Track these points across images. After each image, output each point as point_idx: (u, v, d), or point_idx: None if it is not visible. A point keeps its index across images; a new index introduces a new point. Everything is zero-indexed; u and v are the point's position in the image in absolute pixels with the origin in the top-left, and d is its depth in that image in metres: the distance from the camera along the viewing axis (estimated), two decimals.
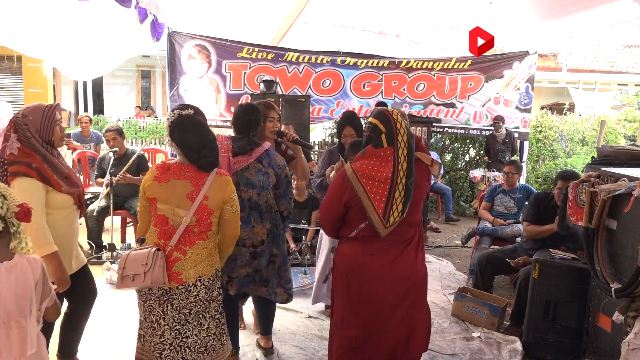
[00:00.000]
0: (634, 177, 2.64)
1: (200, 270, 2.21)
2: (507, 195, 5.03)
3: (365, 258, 2.32)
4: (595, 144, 8.74)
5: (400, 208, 2.25)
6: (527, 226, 4.03)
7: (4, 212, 1.68)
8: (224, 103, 7.04)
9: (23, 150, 2.31)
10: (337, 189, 2.35)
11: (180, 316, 2.20)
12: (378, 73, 7.39)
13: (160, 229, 2.21)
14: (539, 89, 12.62)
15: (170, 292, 2.19)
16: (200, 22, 6.62)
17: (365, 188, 2.24)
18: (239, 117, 2.84)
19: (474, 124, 7.65)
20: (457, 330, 3.65)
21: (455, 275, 4.93)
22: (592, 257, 2.84)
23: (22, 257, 1.75)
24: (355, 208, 2.29)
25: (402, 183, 2.25)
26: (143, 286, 2.12)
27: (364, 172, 2.27)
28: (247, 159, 2.73)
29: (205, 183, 2.19)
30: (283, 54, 7.07)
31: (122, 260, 2.15)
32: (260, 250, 2.76)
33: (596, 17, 5.00)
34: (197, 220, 2.18)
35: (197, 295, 2.21)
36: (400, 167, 2.25)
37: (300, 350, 3.27)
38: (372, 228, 2.27)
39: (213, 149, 2.22)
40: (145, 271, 2.08)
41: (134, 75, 15.82)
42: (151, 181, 2.21)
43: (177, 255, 2.18)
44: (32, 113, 2.37)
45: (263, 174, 2.76)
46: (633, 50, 14.41)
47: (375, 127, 2.32)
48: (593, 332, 3.04)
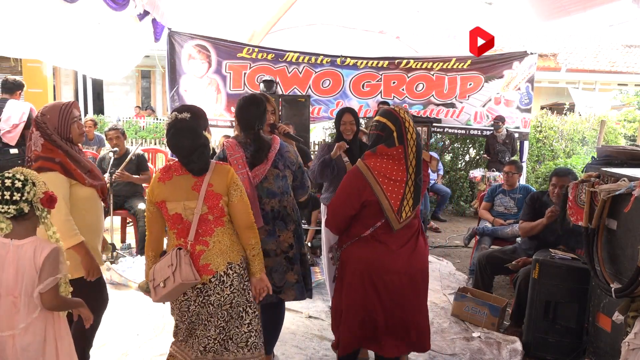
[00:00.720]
0: (634, 177, 2.64)
1: (229, 257, 2.21)
2: (507, 196, 5.03)
3: (387, 256, 2.39)
4: (595, 144, 8.74)
5: (411, 203, 2.36)
6: (521, 224, 4.05)
7: (30, 196, 1.87)
8: (224, 103, 7.04)
9: (46, 146, 2.40)
10: (353, 187, 2.38)
11: (223, 313, 2.22)
12: (377, 73, 7.40)
13: (177, 228, 2.22)
14: (539, 89, 12.62)
15: (205, 289, 2.19)
16: (198, 21, 6.62)
17: (382, 187, 2.31)
18: (243, 108, 2.72)
19: (475, 124, 7.65)
20: (457, 330, 3.65)
21: (455, 275, 4.93)
22: (592, 257, 2.84)
23: (33, 242, 1.89)
24: (371, 207, 2.35)
25: (412, 179, 2.35)
26: (175, 287, 2.10)
27: (380, 171, 2.32)
28: (264, 168, 2.63)
29: (207, 172, 2.22)
30: (283, 54, 7.08)
31: (150, 273, 2.20)
32: (292, 254, 2.71)
33: (596, 17, 5.00)
34: (209, 207, 2.19)
35: (231, 285, 2.21)
36: (410, 164, 2.34)
37: (300, 350, 3.27)
38: (388, 225, 2.35)
39: (202, 155, 2.20)
40: (173, 272, 2.08)
41: (134, 75, 15.81)
42: (156, 183, 2.24)
43: (201, 248, 2.19)
44: (50, 112, 2.45)
45: (281, 179, 2.69)
46: (633, 50, 14.42)
47: (385, 126, 2.37)
48: (593, 332, 3.04)
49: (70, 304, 2.04)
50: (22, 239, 1.89)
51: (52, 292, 1.90)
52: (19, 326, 1.86)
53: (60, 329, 1.98)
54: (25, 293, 1.86)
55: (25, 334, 1.88)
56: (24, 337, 1.87)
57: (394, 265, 2.40)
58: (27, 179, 1.88)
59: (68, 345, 2.01)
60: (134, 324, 3.46)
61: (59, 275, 1.92)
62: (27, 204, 1.86)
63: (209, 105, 6.89)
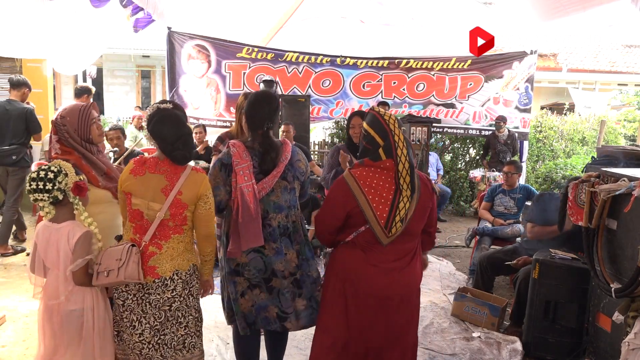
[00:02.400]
0: (634, 177, 2.64)
1: (177, 264, 2.21)
2: (507, 195, 5.03)
3: (368, 268, 2.20)
4: (595, 144, 8.74)
5: (403, 218, 2.16)
6: (532, 227, 3.91)
7: (63, 185, 2.12)
8: (224, 103, 7.03)
9: (63, 149, 2.50)
10: (338, 197, 2.23)
11: (160, 313, 2.20)
12: (378, 73, 7.40)
13: (136, 224, 2.21)
14: (539, 89, 12.63)
15: (146, 287, 2.18)
16: (197, 21, 6.62)
17: (367, 197, 2.15)
18: (254, 104, 2.44)
19: (474, 124, 7.65)
20: (457, 330, 3.65)
21: (455, 275, 4.93)
22: (592, 257, 2.84)
23: (68, 226, 2.16)
24: (356, 217, 2.20)
25: (407, 195, 2.15)
26: (117, 282, 2.12)
27: (366, 182, 2.17)
28: (271, 180, 2.36)
29: (180, 178, 2.19)
30: (283, 54, 7.08)
31: (98, 257, 2.19)
32: (299, 275, 2.45)
33: (596, 17, 5.00)
34: (171, 215, 2.17)
35: (174, 290, 2.20)
36: (403, 180, 2.15)
37: (300, 350, 3.27)
38: (372, 233, 2.17)
39: (187, 142, 2.20)
40: (119, 267, 2.08)
41: (134, 75, 15.81)
42: (127, 174, 2.23)
43: (153, 250, 2.18)
44: (69, 114, 2.51)
45: (289, 192, 2.44)
46: (633, 50, 14.42)
47: (372, 140, 2.20)
48: (593, 332, 3.04)
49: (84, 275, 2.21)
50: (60, 223, 2.16)
51: (81, 271, 2.14)
52: (60, 297, 2.16)
53: (97, 301, 2.23)
54: (64, 269, 2.14)
55: (67, 303, 2.17)
56: (66, 305, 2.17)
57: (373, 278, 2.18)
58: (60, 171, 2.14)
59: (104, 314, 2.25)
60: None
61: (88, 257, 2.15)
62: (60, 192, 2.12)
63: (208, 105, 6.89)
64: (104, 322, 2.25)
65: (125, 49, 13.48)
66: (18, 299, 3.94)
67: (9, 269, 4.68)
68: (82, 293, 2.20)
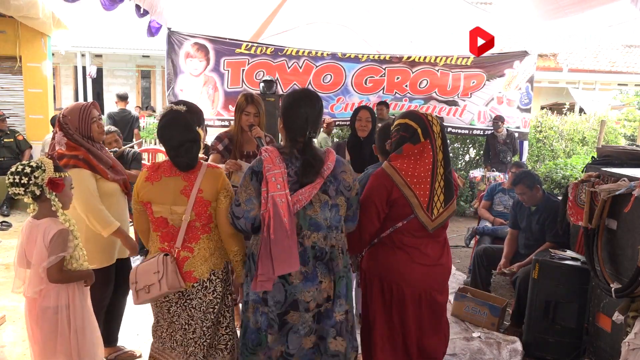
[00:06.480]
0: (634, 177, 2.64)
1: (212, 264, 2.18)
2: (507, 194, 5.02)
3: (409, 266, 2.27)
4: (595, 144, 8.74)
5: (442, 199, 2.26)
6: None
7: (39, 181, 2.11)
8: (222, 101, 6.95)
9: (70, 145, 2.57)
10: (380, 189, 2.24)
11: (206, 316, 2.18)
12: (381, 67, 7.23)
13: (161, 232, 2.17)
14: (539, 89, 12.64)
15: (187, 293, 2.15)
16: (195, 20, 6.60)
17: (411, 187, 2.22)
18: (294, 107, 2.05)
19: (479, 124, 7.57)
20: (457, 330, 3.64)
21: (455, 275, 4.93)
22: (592, 257, 2.84)
23: (45, 222, 2.14)
24: (398, 206, 2.24)
25: (441, 174, 2.26)
26: (160, 295, 2.09)
27: (407, 171, 2.23)
28: (309, 192, 1.96)
29: (198, 176, 2.14)
30: (282, 48, 6.99)
31: (132, 275, 2.16)
32: (325, 309, 2.04)
33: (595, 18, 5.00)
34: (197, 215, 2.13)
35: (214, 290, 2.18)
36: (438, 158, 2.26)
37: None
38: (416, 223, 2.24)
39: (189, 149, 2.13)
40: (159, 279, 2.05)
41: (134, 75, 15.82)
42: (143, 182, 2.18)
43: (185, 254, 2.14)
44: (71, 113, 2.60)
45: (331, 208, 2.02)
46: (633, 50, 14.42)
47: (407, 126, 2.30)
48: (593, 332, 3.04)
49: (74, 278, 2.23)
50: (40, 219, 2.17)
51: (55, 268, 2.12)
52: (32, 292, 2.17)
53: (73, 299, 2.22)
54: (40, 265, 2.14)
55: (42, 298, 2.18)
56: (42, 301, 2.18)
57: (414, 273, 2.26)
58: (39, 166, 2.12)
59: (81, 313, 2.25)
60: (134, 324, 3.45)
61: (62, 254, 2.13)
62: (37, 187, 2.11)
63: (205, 103, 6.84)
64: (81, 320, 2.24)
65: (125, 49, 13.51)
66: (18, 299, 3.94)
67: (9, 269, 4.68)
68: (56, 290, 2.19)
